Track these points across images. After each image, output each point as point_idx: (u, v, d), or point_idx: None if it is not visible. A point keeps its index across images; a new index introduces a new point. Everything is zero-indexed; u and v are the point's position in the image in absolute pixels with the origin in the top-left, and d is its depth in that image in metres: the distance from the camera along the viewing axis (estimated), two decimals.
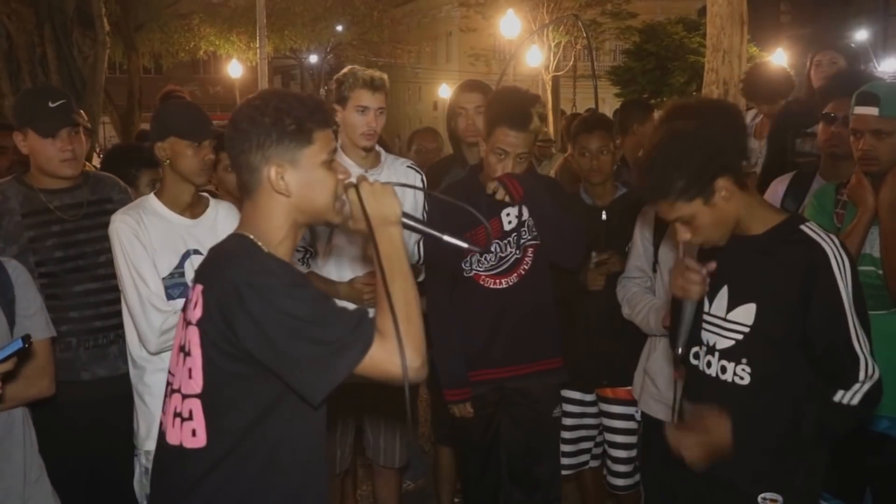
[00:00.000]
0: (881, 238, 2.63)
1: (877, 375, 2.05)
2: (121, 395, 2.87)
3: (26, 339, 1.90)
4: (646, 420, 3.15)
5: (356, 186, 1.74)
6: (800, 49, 18.42)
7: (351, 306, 1.79)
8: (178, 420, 1.74)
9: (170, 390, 1.80)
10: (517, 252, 3.12)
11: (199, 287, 1.70)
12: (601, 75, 18.75)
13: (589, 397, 3.57)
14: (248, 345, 1.61)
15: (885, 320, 2.65)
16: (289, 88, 38.61)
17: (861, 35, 26.28)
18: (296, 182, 1.72)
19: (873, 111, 2.62)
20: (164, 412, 1.83)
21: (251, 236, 1.74)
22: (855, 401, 2.03)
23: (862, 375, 2.04)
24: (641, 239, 3.12)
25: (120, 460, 2.93)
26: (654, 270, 3.09)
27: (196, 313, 1.68)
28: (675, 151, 2.05)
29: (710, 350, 2.18)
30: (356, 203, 1.73)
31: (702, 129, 2.10)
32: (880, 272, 2.64)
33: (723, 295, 2.18)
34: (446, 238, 1.83)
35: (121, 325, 2.94)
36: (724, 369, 2.14)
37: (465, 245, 1.86)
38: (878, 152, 2.63)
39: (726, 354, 2.14)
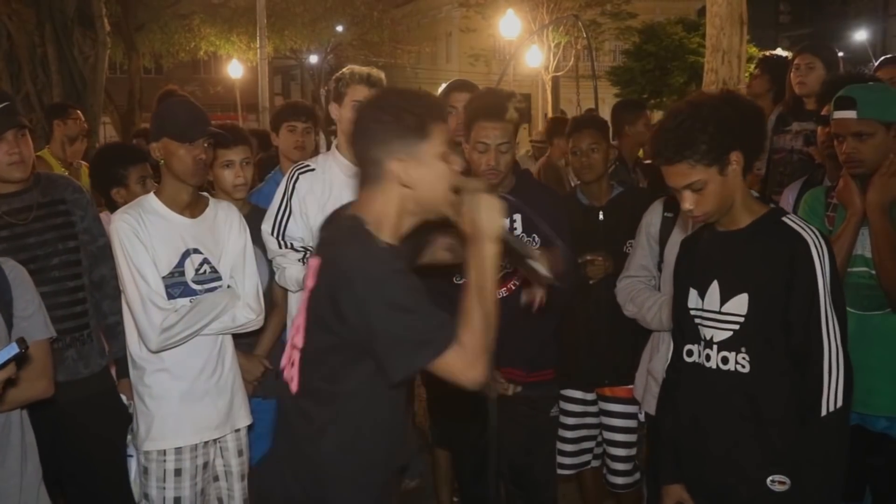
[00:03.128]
0: (871, 239, 2.65)
1: (842, 366, 2.08)
2: (83, 399, 2.84)
3: (21, 343, 1.86)
4: (650, 421, 3.14)
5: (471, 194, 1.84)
6: None
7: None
8: (289, 366, 1.94)
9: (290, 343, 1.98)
10: (507, 266, 3.10)
11: (317, 261, 1.86)
12: (601, 75, 18.74)
13: (590, 396, 3.57)
14: (349, 322, 1.75)
15: (880, 321, 2.66)
16: (289, 89, 38.70)
17: (861, 35, 26.28)
18: (417, 174, 1.83)
19: (851, 115, 2.64)
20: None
21: (365, 221, 1.85)
22: (839, 402, 2.07)
23: (826, 365, 2.07)
24: (647, 237, 3.11)
25: (93, 463, 2.91)
26: (659, 269, 3.09)
27: (309, 282, 1.87)
28: (702, 113, 2.07)
29: (709, 344, 2.23)
30: (468, 208, 1.84)
31: (726, 101, 2.13)
32: (873, 272, 2.65)
33: (714, 289, 2.22)
34: (530, 262, 1.98)
35: (78, 329, 2.91)
36: (725, 360, 2.19)
37: (546, 273, 1.97)
38: (861, 154, 2.65)
39: (725, 345, 2.19)
